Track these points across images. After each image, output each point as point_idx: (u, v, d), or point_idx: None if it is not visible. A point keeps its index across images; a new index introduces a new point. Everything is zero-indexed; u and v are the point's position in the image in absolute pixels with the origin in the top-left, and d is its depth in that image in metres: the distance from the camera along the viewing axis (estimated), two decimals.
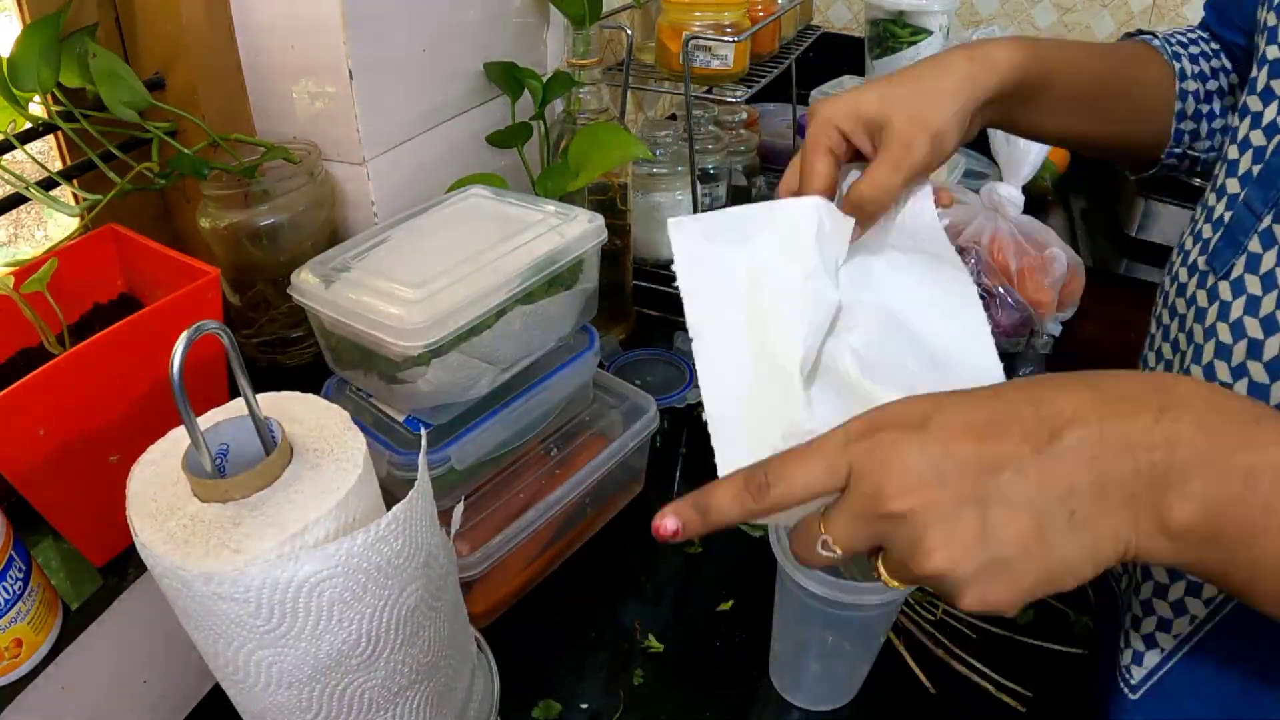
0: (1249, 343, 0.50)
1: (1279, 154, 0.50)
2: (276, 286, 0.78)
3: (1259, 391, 0.49)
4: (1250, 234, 0.51)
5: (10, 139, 0.65)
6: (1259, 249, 0.50)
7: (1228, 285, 0.51)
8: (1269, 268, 0.49)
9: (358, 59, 0.75)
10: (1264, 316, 0.49)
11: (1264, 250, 0.50)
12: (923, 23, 1.25)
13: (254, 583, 0.39)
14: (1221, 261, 0.52)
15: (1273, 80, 0.52)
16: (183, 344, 0.39)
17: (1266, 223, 0.50)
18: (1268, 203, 0.50)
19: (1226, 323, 0.51)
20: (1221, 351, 0.51)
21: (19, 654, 0.51)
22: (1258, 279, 0.50)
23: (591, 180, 0.83)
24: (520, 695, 0.65)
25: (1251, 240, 0.51)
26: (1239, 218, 0.52)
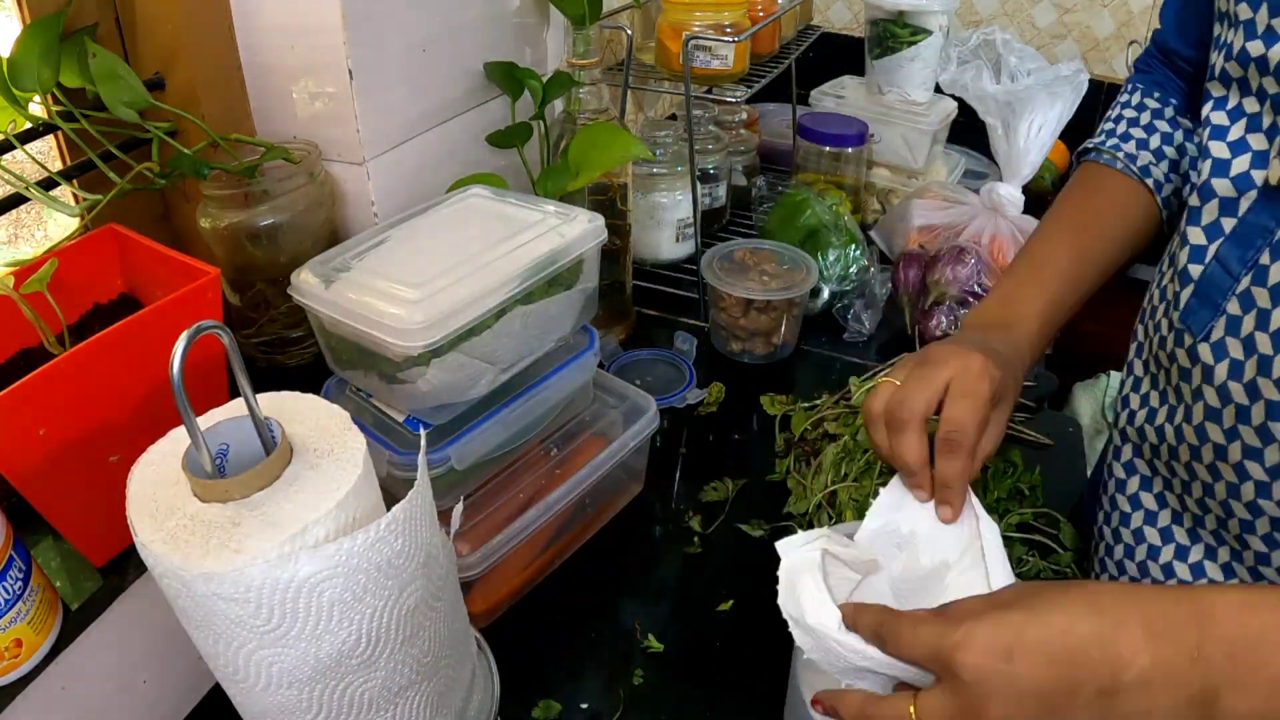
0: (1236, 408, 0.49)
1: (1255, 210, 0.49)
2: (276, 286, 0.78)
3: (1254, 455, 0.49)
4: (1229, 295, 0.49)
5: (10, 139, 0.65)
6: (1238, 311, 0.49)
7: (1208, 348, 0.50)
8: (1248, 331, 0.48)
9: (358, 59, 0.75)
10: (1246, 382, 0.48)
11: (1244, 313, 0.48)
12: (923, 23, 1.25)
13: (254, 583, 0.39)
14: (1199, 323, 0.51)
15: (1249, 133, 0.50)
16: (183, 344, 0.39)
17: (1245, 284, 0.48)
18: (1245, 263, 0.48)
19: (1213, 386, 0.50)
20: (1211, 414, 0.51)
21: (19, 654, 0.51)
22: (1239, 343, 0.48)
23: (591, 180, 0.83)
24: (520, 695, 0.65)
25: (1230, 302, 0.49)
26: (1213, 276, 0.50)
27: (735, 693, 0.66)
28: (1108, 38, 1.63)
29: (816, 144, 1.23)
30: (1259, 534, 0.51)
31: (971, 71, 1.49)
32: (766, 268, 1.01)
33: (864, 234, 1.11)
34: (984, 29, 1.57)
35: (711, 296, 1.02)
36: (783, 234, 1.11)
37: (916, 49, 1.27)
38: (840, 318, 1.08)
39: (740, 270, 1.00)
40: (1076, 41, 1.66)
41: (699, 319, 1.08)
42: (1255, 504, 0.50)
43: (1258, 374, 0.47)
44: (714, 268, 0.99)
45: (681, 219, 1.14)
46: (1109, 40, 1.63)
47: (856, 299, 1.08)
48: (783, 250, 1.03)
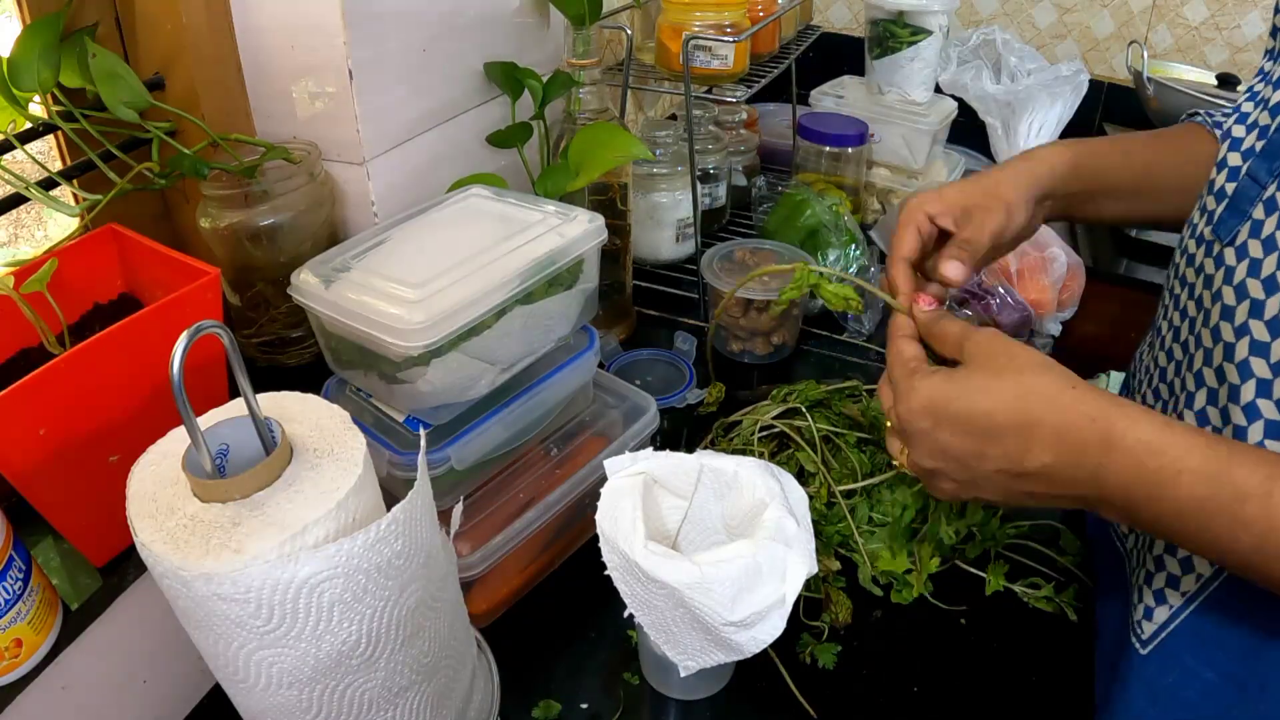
0: (1251, 303, 0.51)
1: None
2: (276, 286, 0.78)
3: (1260, 349, 0.51)
4: (1255, 202, 0.53)
5: (10, 139, 0.65)
6: (1262, 215, 0.52)
7: (1232, 251, 0.53)
8: (1270, 232, 0.51)
9: (358, 59, 0.75)
10: (1265, 278, 0.51)
11: (1267, 216, 0.52)
12: (923, 23, 1.25)
13: (254, 583, 0.39)
14: (1226, 230, 0.54)
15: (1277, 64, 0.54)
16: (183, 344, 0.39)
17: (1271, 191, 0.52)
18: (1273, 172, 0.52)
19: (1231, 285, 0.53)
20: (1226, 313, 0.53)
21: (19, 654, 0.51)
22: (1259, 243, 0.52)
23: (591, 180, 0.83)
24: (520, 695, 0.65)
25: (1256, 208, 0.52)
26: (1243, 188, 0.54)
27: (735, 692, 0.66)
28: (1108, 38, 1.63)
29: (816, 144, 1.23)
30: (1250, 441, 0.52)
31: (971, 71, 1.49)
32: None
33: (864, 234, 1.11)
34: (984, 29, 1.57)
35: (711, 296, 1.02)
36: (783, 234, 1.11)
37: (916, 49, 1.26)
38: (840, 318, 1.08)
39: (740, 270, 1.00)
40: (1076, 41, 1.66)
41: (699, 319, 1.08)
42: (1254, 405, 0.51)
43: (1277, 269, 0.50)
44: (714, 268, 0.99)
45: (681, 219, 1.14)
46: (1109, 40, 1.63)
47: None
48: (783, 250, 1.03)
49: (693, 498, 0.62)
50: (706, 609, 0.52)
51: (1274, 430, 0.50)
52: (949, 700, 0.67)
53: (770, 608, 0.53)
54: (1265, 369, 0.51)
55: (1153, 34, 1.60)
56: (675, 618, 0.55)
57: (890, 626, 0.70)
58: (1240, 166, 0.55)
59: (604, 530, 0.57)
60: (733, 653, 0.55)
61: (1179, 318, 0.60)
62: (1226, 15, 1.54)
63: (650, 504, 0.61)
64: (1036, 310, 1.02)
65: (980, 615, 0.72)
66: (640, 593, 0.56)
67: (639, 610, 0.57)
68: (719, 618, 0.52)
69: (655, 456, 0.61)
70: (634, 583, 0.56)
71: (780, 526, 0.56)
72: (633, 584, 0.56)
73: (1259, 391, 0.51)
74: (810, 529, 0.57)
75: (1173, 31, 1.59)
